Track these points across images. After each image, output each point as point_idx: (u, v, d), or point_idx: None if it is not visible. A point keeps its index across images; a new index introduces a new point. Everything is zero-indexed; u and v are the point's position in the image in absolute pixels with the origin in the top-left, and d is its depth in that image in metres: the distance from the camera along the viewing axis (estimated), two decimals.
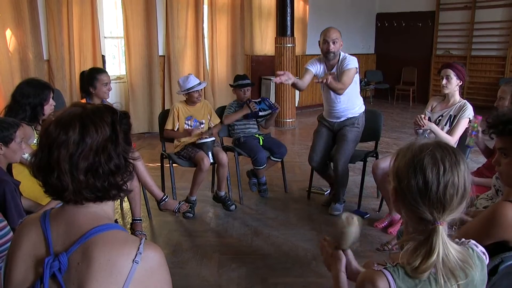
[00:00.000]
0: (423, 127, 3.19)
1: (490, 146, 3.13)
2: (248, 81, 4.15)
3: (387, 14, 10.06)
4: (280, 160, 4.21)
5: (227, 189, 3.96)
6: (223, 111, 4.19)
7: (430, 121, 3.29)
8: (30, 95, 2.73)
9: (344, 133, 3.69)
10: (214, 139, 3.80)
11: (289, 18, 6.98)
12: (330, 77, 3.33)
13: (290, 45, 7.05)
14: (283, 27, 7.00)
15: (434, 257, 1.11)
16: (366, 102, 3.95)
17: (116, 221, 1.40)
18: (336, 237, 1.55)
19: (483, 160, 3.46)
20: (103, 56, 6.29)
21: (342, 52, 3.65)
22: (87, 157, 1.04)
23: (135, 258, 1.02)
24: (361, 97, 3.89)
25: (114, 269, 1.01)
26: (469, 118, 3.19)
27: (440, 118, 3.33)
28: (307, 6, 8.62)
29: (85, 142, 1.04)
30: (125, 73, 6.64)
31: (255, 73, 8.11)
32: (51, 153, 1.04)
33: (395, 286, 1.11)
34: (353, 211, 3.66)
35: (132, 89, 6.59)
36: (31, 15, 5.43)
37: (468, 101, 3.32)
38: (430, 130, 3.20)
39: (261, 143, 4.07)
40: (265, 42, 8.24)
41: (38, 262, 1.06)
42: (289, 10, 6.96)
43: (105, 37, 6.61)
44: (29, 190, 2.42)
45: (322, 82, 3.37)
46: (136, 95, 6.63)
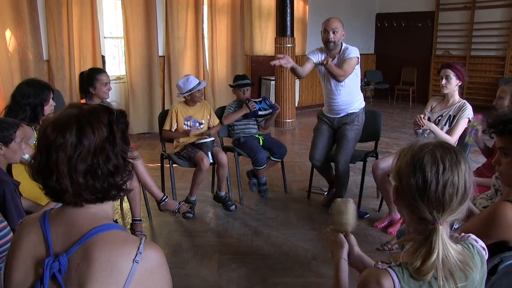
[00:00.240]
0: (422, 127, 3.20)
1: (489, 145, 3.14)
2: (248, 81, 4.15)
3: (387, 14, 10.06)
4: (280, 160, 4.21)
5: (227, 189, 3.96)
6: (223, 112, 4.18)
7: (430, 121, 3.30)
8: (30, 95, 2.73)
9: (344, 132, 3.69)
10: (213, 139, 3.80)
11: (289, 18, 6.99)
12: (331, 59, 3.34)
13: (290, 45, 7.05)
14: (283, 27, 7.01)
15: (434, 258, 1.11)
16: (366, 102, 3.94)
17: (115, 221, 1.39)
18: (336, 222, 1.59)
19: (483, 160, 3.46)
20: (103, 57, 6.28)
21: (344, 43, 3.64)
22: (85, 159, 1.04)
23: (135, 258, 1.02)
24: (361, 92, 3.88)
25: (115, 269, 1.01)
26: (469, 118, 3.20)
27: (440, 118, 3.33)
28: (307, 6, 8.62)
29: (83, 144, 1.04)
30: (125, 74, 6.64)
31: (255, 73, 8.11)
32: (50, 156, 1.04)
33: (399, 285, 1.11)
34: None
35: (132, 89, 6.59)
36: (31, 16, 5.43)
37: (468, 101, 3.32)
38: (430, 130, 3.21)
39: (261, 143, 4.07)
40: (265, 42, 8.23)
41: (38, 263, 1.06)
42: (289, 10, 6.97)
43: (105, 37, 6.61)
44: (29, 190, 2.42)
45: (322, 64, 3.40)
46: (136, 96, 6.63)
